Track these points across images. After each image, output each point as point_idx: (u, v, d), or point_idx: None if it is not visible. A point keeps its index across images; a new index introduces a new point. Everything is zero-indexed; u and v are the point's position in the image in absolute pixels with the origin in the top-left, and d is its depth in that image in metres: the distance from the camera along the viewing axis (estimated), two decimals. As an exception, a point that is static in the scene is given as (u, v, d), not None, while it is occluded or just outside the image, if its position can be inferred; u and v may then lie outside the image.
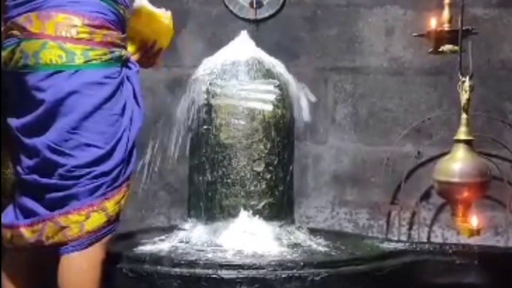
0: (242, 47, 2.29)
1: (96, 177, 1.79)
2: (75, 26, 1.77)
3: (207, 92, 2.22)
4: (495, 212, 2.97)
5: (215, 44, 2.68)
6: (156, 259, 1.99)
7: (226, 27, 3.07)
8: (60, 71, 1.76)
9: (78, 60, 1.77)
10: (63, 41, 1.76)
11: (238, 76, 2.21)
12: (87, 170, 1.78)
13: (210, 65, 2.27)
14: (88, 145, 1.78)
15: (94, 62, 1.78)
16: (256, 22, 3.10)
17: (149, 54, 2.09)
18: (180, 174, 2.95)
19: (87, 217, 1.77)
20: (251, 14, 3.10)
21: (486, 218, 2.75)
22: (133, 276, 1.94)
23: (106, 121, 1.81)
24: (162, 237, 2.30)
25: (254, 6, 3.09)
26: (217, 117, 2.20)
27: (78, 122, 1.77)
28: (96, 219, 1.78)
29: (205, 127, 2.22)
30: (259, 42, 2.42)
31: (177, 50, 3.16)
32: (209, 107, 2.21)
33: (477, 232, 1.97)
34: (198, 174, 2.25)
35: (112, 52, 1.82)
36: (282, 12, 3.13)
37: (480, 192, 1.98)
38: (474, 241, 2.34)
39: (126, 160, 1.85)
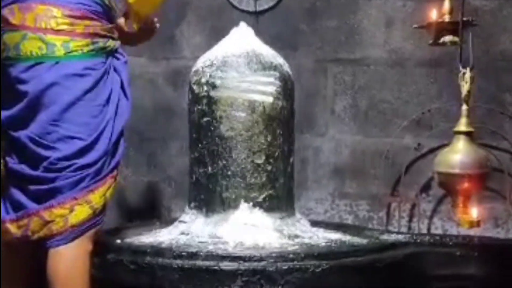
0: (242, 39, 2.29)
1: (79, 169, 1.77)
2: (55, 17, 1.76)
3: (207, 84, 2.21)
4: (495, 204, 2.97)
5: (214, 36, 2.68)
6: (157, 251, 1.99)
7: (226, 19, 3.06)
8: (40, 63, 1.75)
9: (58, 51, 1.75)
10: (43, 32, 1.75)
11: (238, 68, 2.21)
12: (70, 162, 1.77)
13: (210, 57, 2.27)
14: (71, 137, 1.77)
15: (75, 53, 1.77)
16: (256, 13, 3.09)
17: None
18: (181, 167, 2.95)
19: (71, 211, 1.76)
20: (250, 6, 3.09)
21: (486, 209, 2.74)
22: (134, 268, 1.94)
23: (88, 112, 1.80)
24: (163, 229, 2.30)
25: (254, -3, 3.08)
26: (217, 109, 2.20)
27: (59, 114, 1.76)
28: (81, 212, 1.78)
29: (205, 119, 2.22)
30: (259, 34, 2.41)
31: (176, 42, 3.15)
32: (209, 99, 2.21)
33: (477, 223, 1.98)
34: (199, 166, 2.24)
35: (94, 43, 1.80)
36: (281, 3, 3.11)
37: (480, 184, 1.99)
38: (474, 232, 2.36)
39: (110, 152, 1.83)
